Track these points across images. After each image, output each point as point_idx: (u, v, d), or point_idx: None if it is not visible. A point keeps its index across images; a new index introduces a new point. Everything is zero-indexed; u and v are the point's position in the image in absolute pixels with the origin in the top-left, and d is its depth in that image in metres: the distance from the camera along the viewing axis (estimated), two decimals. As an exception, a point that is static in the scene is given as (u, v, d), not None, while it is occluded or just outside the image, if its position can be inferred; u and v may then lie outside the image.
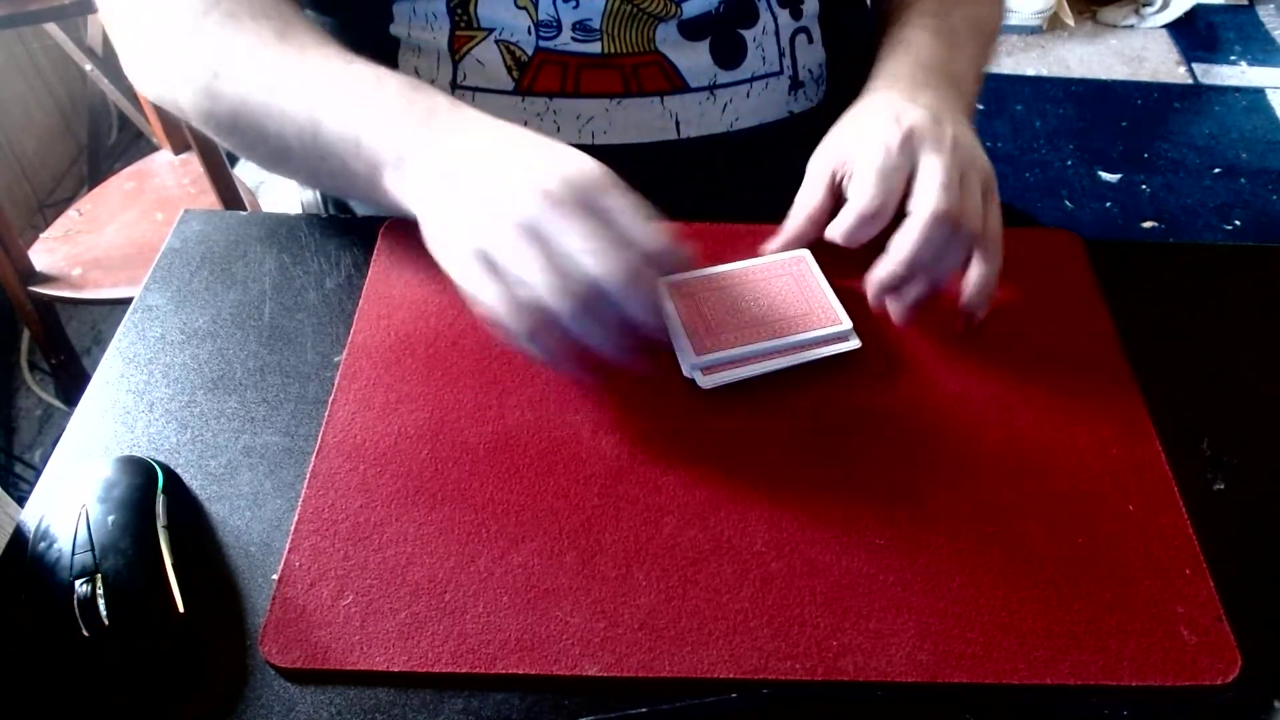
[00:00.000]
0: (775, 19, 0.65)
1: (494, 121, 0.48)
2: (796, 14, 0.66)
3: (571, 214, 0.43)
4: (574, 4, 0.60)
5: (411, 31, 0.62)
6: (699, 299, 0.53)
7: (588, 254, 0.42)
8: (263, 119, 0.51)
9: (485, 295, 0.44)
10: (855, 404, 0.51)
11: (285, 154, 0.52)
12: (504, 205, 0.44)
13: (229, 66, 0.52)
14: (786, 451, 0.49)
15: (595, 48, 0.61)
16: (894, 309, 0.52)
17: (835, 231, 0.51)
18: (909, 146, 0.50)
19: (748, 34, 0.64)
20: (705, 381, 0.50)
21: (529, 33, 0.61)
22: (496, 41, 0.61)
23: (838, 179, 0.53)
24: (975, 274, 0.51)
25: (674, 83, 0.63)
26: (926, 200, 0.49)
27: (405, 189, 0.48)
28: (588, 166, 0.45)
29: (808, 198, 0.55)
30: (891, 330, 0.54)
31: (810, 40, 0.68)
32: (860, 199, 0.50)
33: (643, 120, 0.64)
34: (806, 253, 0.55)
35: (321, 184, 0.54)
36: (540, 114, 0.63)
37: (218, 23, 0.52)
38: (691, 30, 0.63)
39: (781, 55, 0.66)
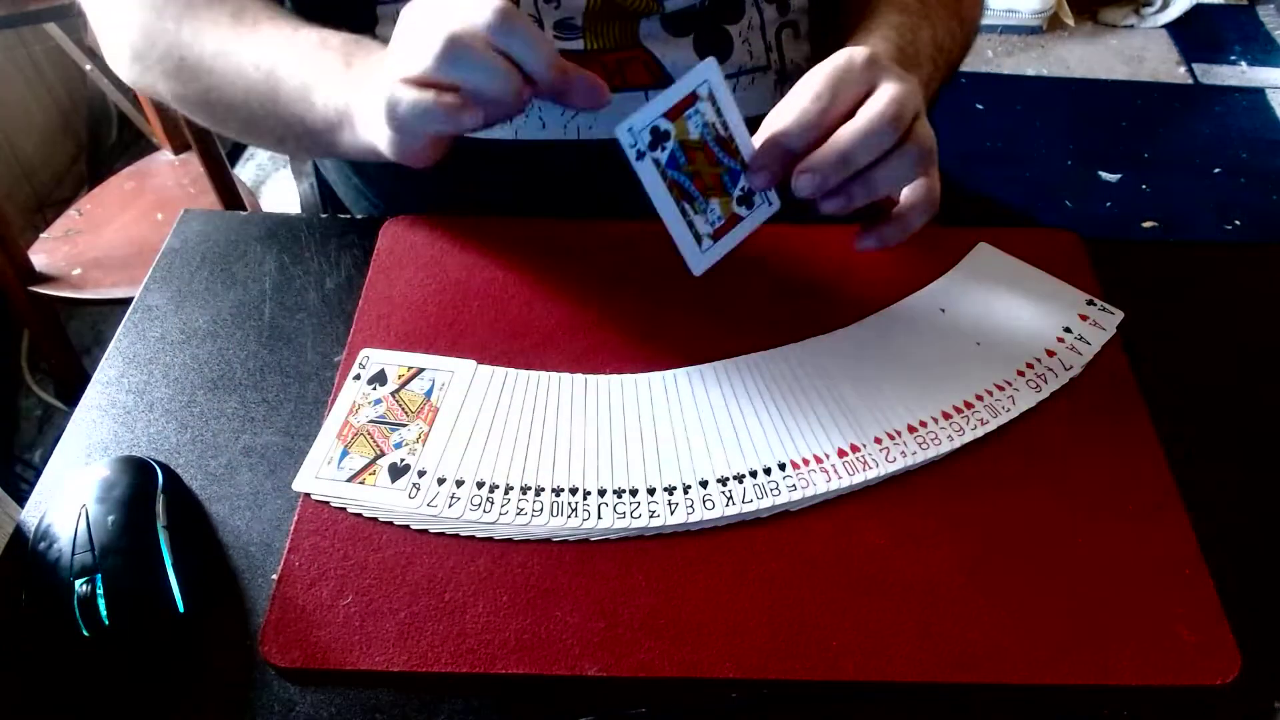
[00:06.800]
0: (761, 14, 0.65)
1: None
2: (784, 8, 0.66)
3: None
4: (555, 4, 0.60)
5: None
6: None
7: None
8: (229, 92, 0.55)
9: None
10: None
11: (252, 122, 0.56)
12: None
13: (191, 50, 0.55)
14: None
15: (578, 44, 0.61)
16: (826, 206, 0.49)
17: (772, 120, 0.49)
18: (870, 72, 0.48)
19: (733, 29, 0.64)
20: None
21: None
22: None
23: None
24: (918, 189, 0.49)
25: (657, 76, 0.62)
26: (876, 103, 0.47)
27: (359, 130, 0.50)
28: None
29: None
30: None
31: (797, 35, 0.67)
32: (799, 93, 0.48)
33: (629, 114, 0.63)
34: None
35: (294, 145, 0.57)
36: (525, 109, 0.62)
37: (175, 15, 0.55)
38: (675, 25, 0.62)
39: (769, 50, 0.65)
